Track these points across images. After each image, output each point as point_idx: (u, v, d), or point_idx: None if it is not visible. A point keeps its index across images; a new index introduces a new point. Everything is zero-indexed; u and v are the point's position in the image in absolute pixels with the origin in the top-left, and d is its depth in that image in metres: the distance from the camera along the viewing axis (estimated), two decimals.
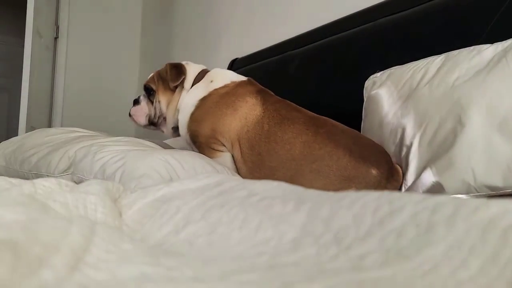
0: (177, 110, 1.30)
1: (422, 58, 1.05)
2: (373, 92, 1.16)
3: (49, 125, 3.29)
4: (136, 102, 1.37)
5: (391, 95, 1.08)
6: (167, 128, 1.36)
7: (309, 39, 1.73)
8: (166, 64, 1.35)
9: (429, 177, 0.88)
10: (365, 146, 1.01)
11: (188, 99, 1.26)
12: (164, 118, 1.34)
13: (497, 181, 0.78)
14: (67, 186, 0.60)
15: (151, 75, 1.40)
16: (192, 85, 1.30)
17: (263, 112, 1.12)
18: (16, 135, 2.65)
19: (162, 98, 1.32)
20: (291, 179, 0.93)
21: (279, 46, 1.94)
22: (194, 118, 1.22)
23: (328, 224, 0.34)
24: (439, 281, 0.25)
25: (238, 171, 1.15)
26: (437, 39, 1.17)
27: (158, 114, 1.33)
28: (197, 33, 2.86)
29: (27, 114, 2.63)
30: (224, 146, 1.16)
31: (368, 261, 0.28)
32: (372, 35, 1.40)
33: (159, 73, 1.37)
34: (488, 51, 0.88)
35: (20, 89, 2.64)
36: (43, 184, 0.59)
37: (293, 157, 1.01)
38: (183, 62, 1.41)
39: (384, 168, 0.96)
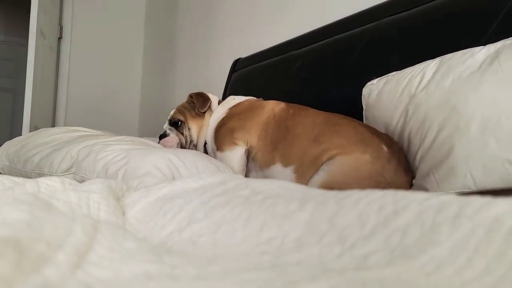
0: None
1: (425, 58, 1.05)
2: (372, 101, 1.16)
3: (53, 125, 3.30)
4: (163, 136, 1.42)
5: (391, 103, 1.07)
6: (198, 147, 1.46)
7: (312, 39, 1.73)
8: (190, 95, 1.47)
9: (431, 184, 0.88)
10: (375, 129, 1.07)
11: (212, 120, 1.39)
12: (194, 145, 1.43)
13: (496, 184, 0.78)
14: (70, 185, 0.60)
15: (173, 111, 1.49)
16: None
17: (287, 106, 1.27)
18: (20, 134, 2.66)
19: (192, 125, 1.42)
20: (314, 140, 1.08)
21: (282, 46, 1.93)
22: (220, 124, 1.33)
23: (332, 223, 0.33)
24: (444, 281, 0.25)
25: (255, 156, 1.21)
26: (440, 39, 1.17)
27: (189, 140, 1.42)
28: (200, 33, 2.86)
29: (31, 114, 2.63)
30: (242, 142, 1.24)
31: (372, 261, 0.28)
32: (375, 35, 1.40)
33: (182, 106, 1.48)
34: (481, 53, 0.87)
35: (24, 89, 2.65)
36: (46, 183, 0.59)
37: (315, 124, 1.12)
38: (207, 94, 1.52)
39: (393, 149, 0.99)
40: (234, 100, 1.43)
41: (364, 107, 1.20)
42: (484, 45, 0.91)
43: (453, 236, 0.27)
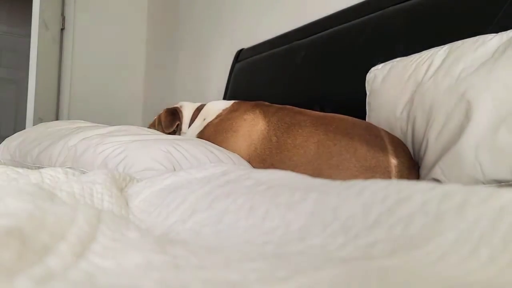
0: None
1: (431, 47, 1.03)
2: (376, 87, 1.14)
3: (57, 117, 3.31)
4: None
5: (395, 90, 1.05)
6: None
7: (316, 29, 1.72)
8: (163, 110, 1.38)
9: (438, 173, 0.87)
10: (380, 137, 0.97)
11: (190, 131, 1.29)
12: None
13: (505, 174, 0.76)
14: (73, 176, 0.60)
15: (154, 118, 1.43)
16: (189, 125, 1.33)
17: (267, 126, 1.08)
18: (24, 126, 2.67)
19: None
20: None
21: (285, 36, 1.92)
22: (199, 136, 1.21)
23: (336, 213, 0.33)
24: (448, 270, 0.24)
25: None
26: (446, 28, 1.16)
27: None
28: (203, 23, 2.85)
29: (34, 105, 2.64)
30: None
31: (376, 250, 0.28)
32: (380, 24, 1.39)
33: (159, 117, 1.40)
34: (493, 41, 0.86)
35: (27, 81, 2.65)
36: (50, 174, 0.59)
37: (308, 159, 0.97)
38: (179, 104, 1.43)
39: (403, 158, 0.93)
40: (204, 121, 1.25)
41: (367, 92, 1.19)
42: (491, 32, 0.90)
43: (457, 225, 0.27)
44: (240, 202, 0.41)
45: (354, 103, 1.28)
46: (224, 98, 2.21)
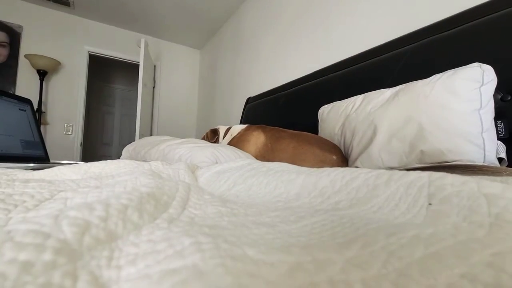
0: None
1: (354, 95, 1.03)
2: (324, 117, 1.14)
3: (151, 133, 3.30)
4: None
5: (334, 119, 1.05)
6: None
7: (289, 86, 1.72)
8: (209, 130, 1.33)
9: (358, 164, 0.86)
10: (327, 144, 0.96)
11: (224, 142, 1.26)
12: None
13: (394, 164, 0.76)
14: (166, 165, 0.60)
15: (203, 134, 1.38)
16: (223, 138, 1.30)
17: (265, 138, 1.05)
18: (134, 139, 2.63)
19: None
20: None
21: (273, 89, 1.92)
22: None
23: (315, 185, 0.33)
24: (382, 216, 0.24)
25: None
26: (362, 84, 1.15)
27: None
28: (229, 82, 2.84)
29: (139, 128, 2.63)
30: None
31: (340, 205, 0.28)
32: (325, 84, 1.39)
33: (207, 134, 1.35)
34: (387, 92, 0.85)
35: (135, 115, 2.63)
36: (154, 164, 0.58)
37: (288, 156, 0.95)
38: (217, 126, 1.38)
39: (339, 155, 0.92)
40: (231, 135, 1.21)
41: (319, 121, 1.18)
42: (387, 87, 0.90)
43: (386, 192, 0.26)
44: (261, 179, 0.40)
45: (312, 126, 1.27)
46: (240, 123, 2.20)
